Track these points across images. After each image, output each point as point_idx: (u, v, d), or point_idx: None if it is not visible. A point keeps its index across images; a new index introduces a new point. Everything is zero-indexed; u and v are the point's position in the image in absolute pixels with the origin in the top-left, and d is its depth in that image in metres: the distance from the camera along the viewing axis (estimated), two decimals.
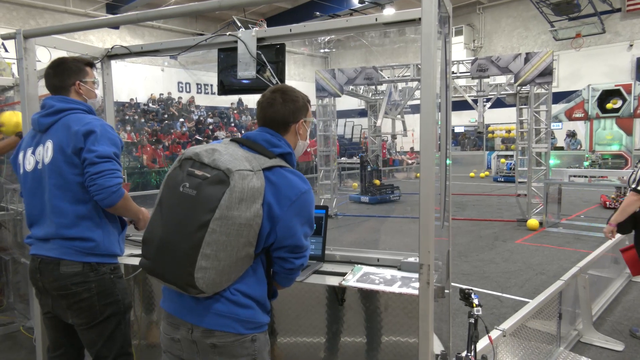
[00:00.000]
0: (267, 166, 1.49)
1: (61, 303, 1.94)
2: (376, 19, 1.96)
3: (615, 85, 12.76)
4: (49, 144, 1.94)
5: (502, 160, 17.92)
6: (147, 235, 1.55)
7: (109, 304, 1.96)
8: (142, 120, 17.66)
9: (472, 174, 18.70)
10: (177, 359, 1.62)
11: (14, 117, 3.35)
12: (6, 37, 2.52)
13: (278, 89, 1.66)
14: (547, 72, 8.11)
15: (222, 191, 1.40)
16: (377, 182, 12.09)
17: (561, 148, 16.98)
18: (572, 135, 17.20)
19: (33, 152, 2.00)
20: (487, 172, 18.37)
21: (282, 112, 1.61)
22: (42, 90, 2.92)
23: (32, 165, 1.99)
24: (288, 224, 1.50)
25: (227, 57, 2.25)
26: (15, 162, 2.09)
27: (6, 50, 11.66)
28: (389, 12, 1.98)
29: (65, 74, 2.05)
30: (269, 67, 2.13)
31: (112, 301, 1.96)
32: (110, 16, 3.55)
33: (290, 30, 2.14)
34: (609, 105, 12.55)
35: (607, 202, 9.78)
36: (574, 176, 8.65)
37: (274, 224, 1.49)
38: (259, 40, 2.14)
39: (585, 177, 8.67)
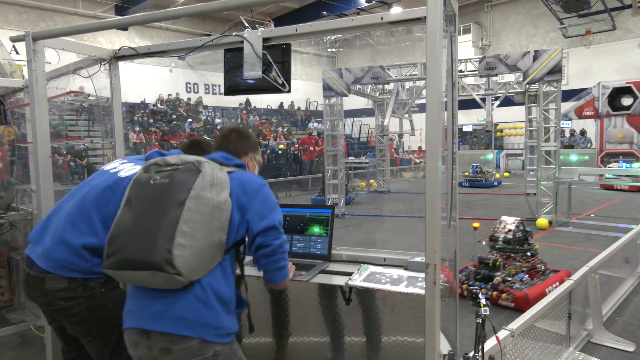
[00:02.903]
0: (228, 170, 1.67)
1: (56, 316, 1.88)
2: (382, 18, 1.95)
3: (626, 83, 12.60)
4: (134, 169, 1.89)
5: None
6: (114, 231, 1.53)
7: (103, 317, 1.84)
8: (151, 120, 17.79)
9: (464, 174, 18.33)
10: None
11: None
12: (16, 40, 2.55)
13: (234, 129, 1.95)
14: (556, 70, 8.03)
15: (195, 176, 1.53)
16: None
17: (570, 146, 16.80)
18: (581, 133, 17.02)
19: (122, 162, 1.97)
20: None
21: (235, 145, 1.88)
22: (51, 92, 2.95)
23: (110, 167, 1.97)
24: (257, 210, 1.63)
25: (234, 58, 2.25)
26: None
27: (17, 52, 11.79)
28: (396, 11, 1.97)
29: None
30: (275, 67, 2.13)
31: (106, 315, 1.84)
32: (119, 18, 3.57)
33: (296, 30, 2.14)
34: None
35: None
36: (584, 175, 8.56)
37: (244, 213, 1.61)
38: (265, 40, 2.15)
39: (595, 175, 8.56)
